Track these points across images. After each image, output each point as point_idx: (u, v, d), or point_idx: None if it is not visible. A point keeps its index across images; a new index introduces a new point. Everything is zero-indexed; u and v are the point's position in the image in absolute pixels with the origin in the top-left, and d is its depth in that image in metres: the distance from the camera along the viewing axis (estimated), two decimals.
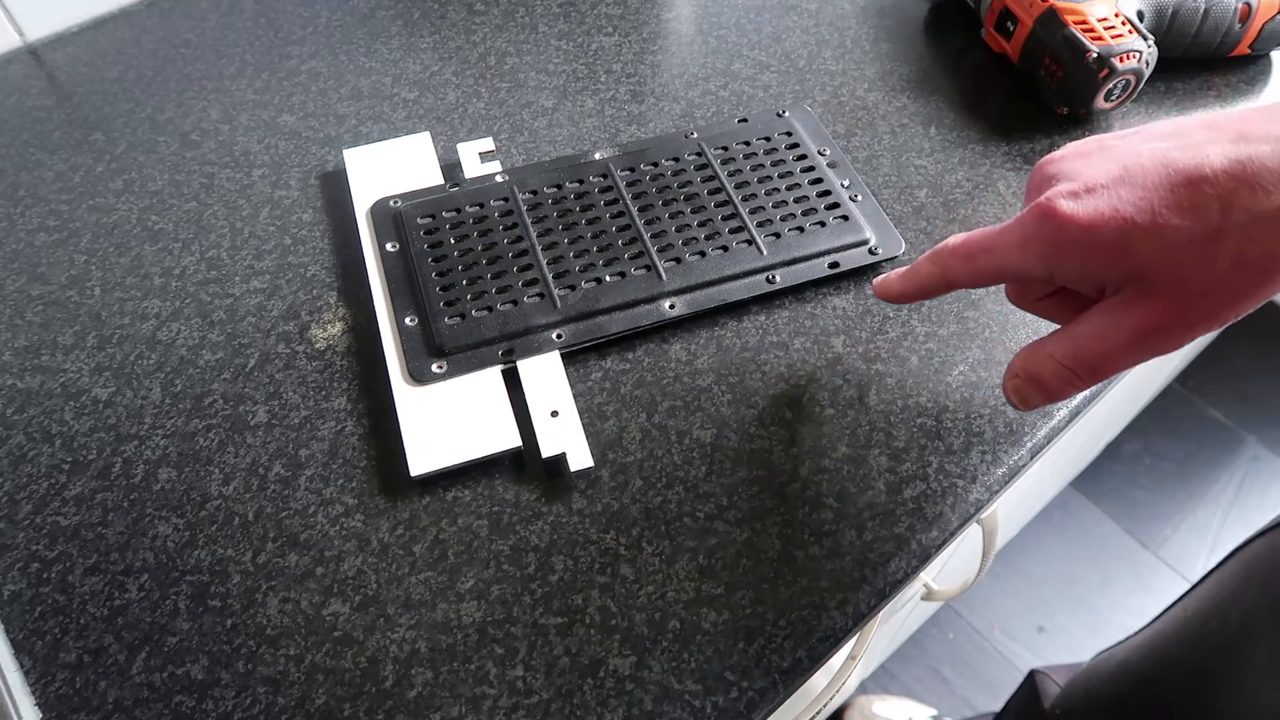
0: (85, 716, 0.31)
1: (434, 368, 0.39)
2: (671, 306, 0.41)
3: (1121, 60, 0.46)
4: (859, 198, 0.45)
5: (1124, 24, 0.47)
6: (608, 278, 0.41)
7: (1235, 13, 0.50)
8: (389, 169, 0.46)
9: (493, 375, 0.39)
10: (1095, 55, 0.46)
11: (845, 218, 0.44)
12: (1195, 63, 0.52)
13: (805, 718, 0.49)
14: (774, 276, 0.42)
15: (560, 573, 0.34)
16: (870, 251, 0.43)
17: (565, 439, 0.37)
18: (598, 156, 0.46)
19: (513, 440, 0.37)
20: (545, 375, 0.39)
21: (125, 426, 0.38)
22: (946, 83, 0.52)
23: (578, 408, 0.38)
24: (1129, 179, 0.28)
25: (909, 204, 0.46)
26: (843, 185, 0.45)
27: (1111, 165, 0.29)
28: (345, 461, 0.37)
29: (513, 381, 0.39)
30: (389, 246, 0.43)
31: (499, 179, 0.45)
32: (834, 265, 0.43)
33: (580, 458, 0.36)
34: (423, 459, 0.36)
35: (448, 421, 0.37)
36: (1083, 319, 0.30)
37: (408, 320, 0.40)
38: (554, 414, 0.37)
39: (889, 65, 0.53)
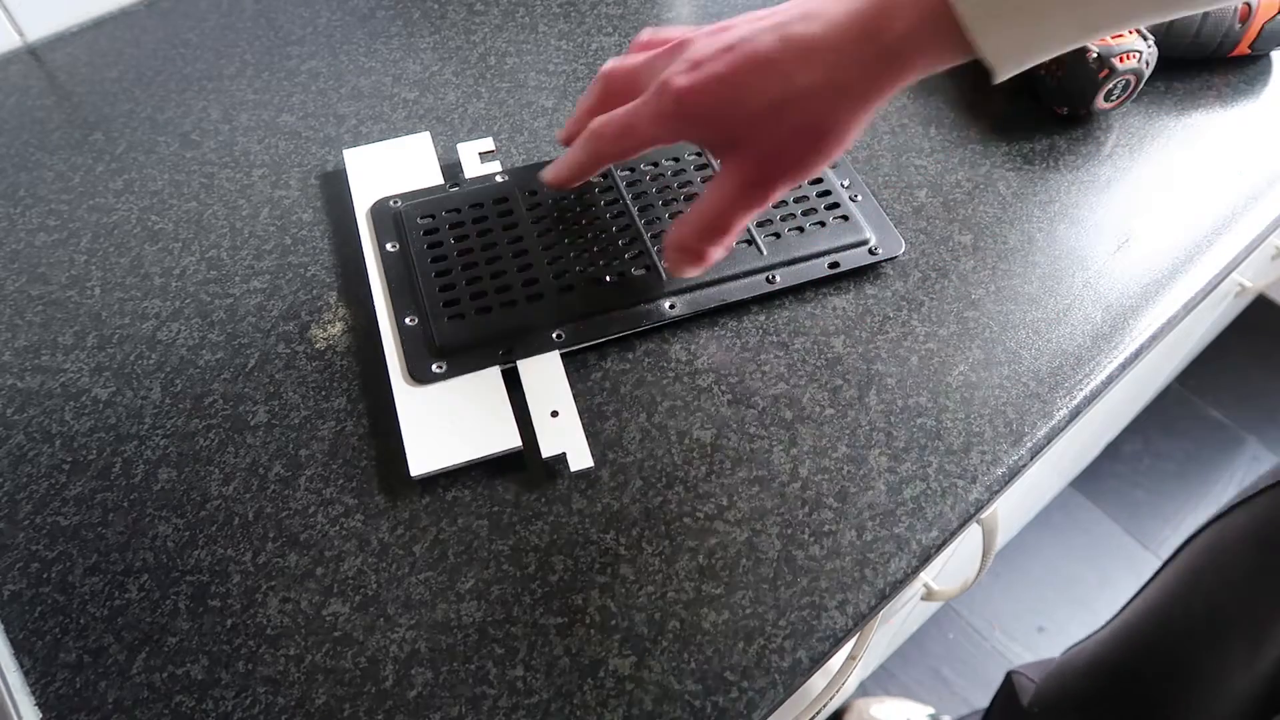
0: (85, 716, 0.31)
1: (434, 368, 0.39)
2: (671, 306, 0.41)
3: (1121, 60, 0.46)
4: (859, 198, 0.45)
5: None
6: (608, 278, 0.41)
7: (1235, 13, 0.50)
8: (389, 169, 0.46)
9: (493, 375, 0.39)
10: (1095, 55, 0.46)
11: (845, 218, 0.44)
12: (1195, 62, 0.52)
13: (805, 718, 0.49)
14: (774, 276, 0.42)
15: (560, 573, 0.34)
16: (870, 251, 0.43)
17: (565, 439, 0.37)
18: None
19: (513, 440, 0.37)
20: (545, 375, 0.39)
21: (125, 426, 0.38)
22: (946, 83, 0.52)
23: (578, 408, 0.38)
24: (732, 54, 0.33)
25: (909, 204, 0.46)
26: (843, 185, 0.45)
27: (722, 41, 0.33)
28: (345, 461, 0.37)
29: (513, 381, 0.39)
30: (389, 246, 0.43)
31: (499, 179, 0.45)
32: (834, 265, 0.43)
33: (580, 458, 0.36)
34: (423, 459, 0.36)
35: (448, 421, 0.37)
36: (705, 189, 0.36)
37: (408, 320, 0.40)
38: (554, 414, 0.37)
39: None
